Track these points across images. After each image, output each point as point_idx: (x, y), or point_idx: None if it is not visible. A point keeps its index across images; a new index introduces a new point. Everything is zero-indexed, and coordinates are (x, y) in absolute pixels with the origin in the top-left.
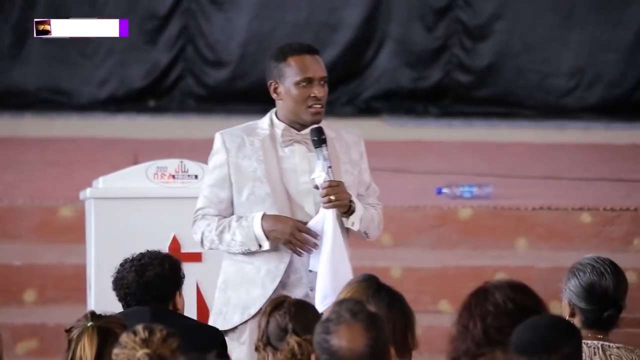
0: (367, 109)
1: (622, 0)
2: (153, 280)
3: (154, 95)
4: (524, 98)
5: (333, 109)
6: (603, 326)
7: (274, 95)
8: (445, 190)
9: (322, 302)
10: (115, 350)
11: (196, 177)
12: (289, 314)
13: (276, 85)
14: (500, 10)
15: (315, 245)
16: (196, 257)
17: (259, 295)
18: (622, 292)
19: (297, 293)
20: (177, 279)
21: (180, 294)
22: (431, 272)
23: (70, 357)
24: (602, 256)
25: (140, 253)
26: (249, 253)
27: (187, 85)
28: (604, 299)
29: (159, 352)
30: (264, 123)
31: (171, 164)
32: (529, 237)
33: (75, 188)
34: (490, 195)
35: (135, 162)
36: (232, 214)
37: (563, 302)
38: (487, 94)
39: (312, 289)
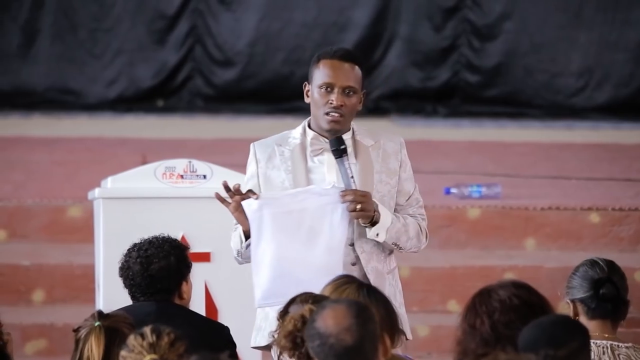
0: (376, 109)
1: (631, 1)
2: (158, 274)
3: (162, 95)
4: (532, 98)
5: None
6: (605, 312)
7: (305, 98)
8: (453, 190)
9: (264, 300)
10: (123, 353)
11: (204, 177)
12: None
13: (308, 88)
14: (508, 10)
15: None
16: (205, 257)
17: None
18: (617, 278)
19: None
20: (182, 270)
21: (187, 281)
22: (440, 271)
23: (77, 357)
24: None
25: (148, 240)
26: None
27: (196, 85)
28: (599, 281)
29: (166, 357)
30: (296, 132)
31: (179, 164)
32: (537, 237)
33: (84, 188)
34: (499, 195)
35: (144, 162)
36: None
37: (571, 307)
38: (496, 93)
39: None
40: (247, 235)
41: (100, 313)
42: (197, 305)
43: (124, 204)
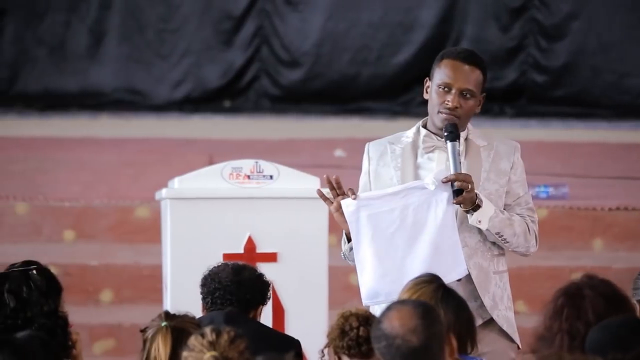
0: None
1: None
2: (247, 282)
3: (229, 96)
4: (600, 98)
5: (408, 109)
6: None
7: (424, 94)
8: None
9: (369, 299)
10: (184, 353)
11: (271, 177)
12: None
13: (428, 84)
14: (575, 10)
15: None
16: (272, 258)
17: None
18: None
19: None
20: (265, 293)
21: (261, 312)
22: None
23: (145, 357)
24: None
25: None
26: None
27: (262, 85)
28: None
29: (226, 355)
30: (410, 131)
31: (246, 164)
32: (605, 238)
33: (151, 188)
34: (566, 195)
35: (211, 163)
36: None
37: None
38: (563, 93)
39: None
40: (350, 237)
41: (167, 313)
42: (264, 306)
43: (191, 204)
